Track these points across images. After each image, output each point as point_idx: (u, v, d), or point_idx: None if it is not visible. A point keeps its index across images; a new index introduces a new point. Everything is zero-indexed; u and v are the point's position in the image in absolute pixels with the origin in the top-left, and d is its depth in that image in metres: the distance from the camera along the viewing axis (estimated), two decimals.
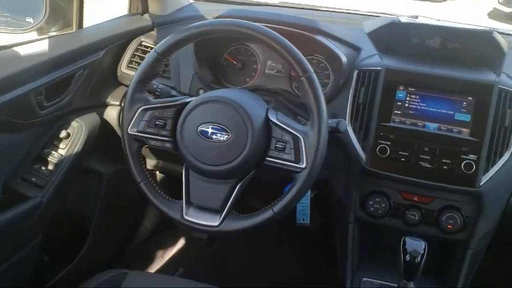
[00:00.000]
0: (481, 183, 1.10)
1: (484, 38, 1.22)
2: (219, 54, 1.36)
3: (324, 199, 1.32)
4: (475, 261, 1.22)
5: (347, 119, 1.18)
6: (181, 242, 1.93)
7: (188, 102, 1.01)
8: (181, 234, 1.95)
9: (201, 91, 1.31)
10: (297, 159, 0.96)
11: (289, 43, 0.96)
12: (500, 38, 1.19)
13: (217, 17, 1.23)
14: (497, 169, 1.10)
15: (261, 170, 1.00)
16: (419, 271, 1.03)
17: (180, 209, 1.01)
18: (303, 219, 1.31)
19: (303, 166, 0.95)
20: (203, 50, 1.30)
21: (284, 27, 1.20)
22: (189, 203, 1.02)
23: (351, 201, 1.23)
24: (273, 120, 0.99)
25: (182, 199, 1.02)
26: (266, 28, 0.97)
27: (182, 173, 1.03)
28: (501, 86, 1.10)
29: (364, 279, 1.25)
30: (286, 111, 1.19)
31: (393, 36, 1.28)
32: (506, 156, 1.10)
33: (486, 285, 1.40)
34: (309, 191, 1.29)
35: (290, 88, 1.31)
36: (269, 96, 1.26)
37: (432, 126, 1.13)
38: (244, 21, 0.98)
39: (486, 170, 1.10)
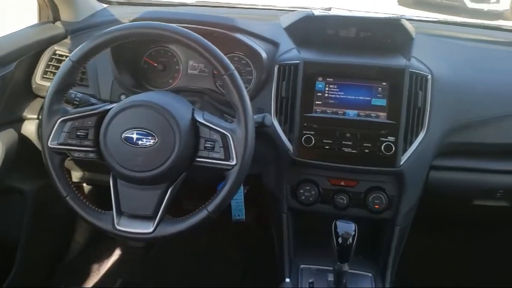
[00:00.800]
0: (401, 163, 1.16)
1: (393, 25, 1.29)
2: (139, 57, 1.34)
3: (257, 193, 1.34)
4: (402, 236, 1.29)
5: (272, 113, 1.21)
6: (117, 253, 1.88)
7: (110, 109, 0.99)
8: (116, 245, 1.90)
9: (122, 97, 1.28)
10: (227, 157, 0.97)
11: (208, 42, 0.96)
12: (407, 24, 1.27)
13: (133, 20, 1.21)
14: (414, 148, 1.17)
15: (192, 171, 1.00)
16: (352, 252, 1.07)
17: (111, 220, 0.99)
18: (239, 215, 1.33)
19: (234, 163, 0.96)
20: (121, 54, 1.27)
21: (202, 27, 1.20)
22: (120, 212, 1.00)
23: (282, 192, 1.26)
24: (200, 120, 0.99)
25: (112, 209, 0.99)
26: (183, 28, 0.97)
27: (110, 183, 1.00)
28: (411, 70, 1.18)
29: (301, 266, 1.29)
30: (212, 110, 1.20)
31: (309, 29, 1.32)
32: (421, 135, 1.18)
33: (414, 259, 1.50)
34: (242, 187, 1.31)
35: (214, 87, 1.32)
36: (194, 96, 1.26)
37: (351, 113, 1.19)
38: (161, 23, 0.98)
39: (405, 150, 1.17)
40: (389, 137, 1.16)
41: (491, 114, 1.24)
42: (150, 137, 0.94)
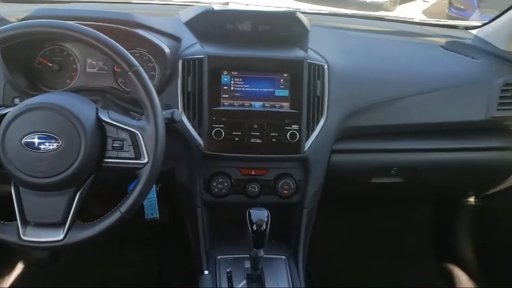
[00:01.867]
0: (306, 149, 1.23)
1: (289, 18, 1.35)
2: (32, 58, 1.26)
3: (169, 190, 1.34)
4: (310, 218, 1.37)
5: (180, 109, 1.21)
6: (19, 267, 1.76)
7: (5, 114, 0.92)
8: (17, 257, 1.77)
9: (17, 100, 1.19)
10: (138, 155, 0.95)
11: (109, 39, 0.94)
12: (302, 17, 1.34)
13: (23, 19, 1.13)
14: (316, 134, 1.24)
15: (101, 173, 0.97)
16: (266, 238, 1.12)
17: (16, 231, 0.93)
18: (152, 214, 1.31)
19: (145, 161, 0.95)
20: (13, 55, 1.19)
21: (100, 23, 1.16)
22: (25, 222, 0.94)
23: (196, 186, 1.27)
24: (105, 119, 0.96)
25: (16, 219, 0.93)
26: (83, 26, 0.94)
27: (11, 192, 0.94)
28: (309, 61, 1.24)
29: (218, 257, 1.31)
30: (117, 109, 1.17)
31: (209, 23, 1.33)
32: (322, 122, 1.25)
33: (323, 238, 1.59)
34: (154, 185, 1.30)
35: (116, 85, 1.28)
36: (96, 96, 1.22)
37: (257, 105, 1.23)
38: (56, 20, 0.93)
39: (308, 137, 1.24)
40: (293, 126, 1.22)
41: (382, 98, 1.35)
42: (53, 141, 0.90)
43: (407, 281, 1.85)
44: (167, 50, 1.23)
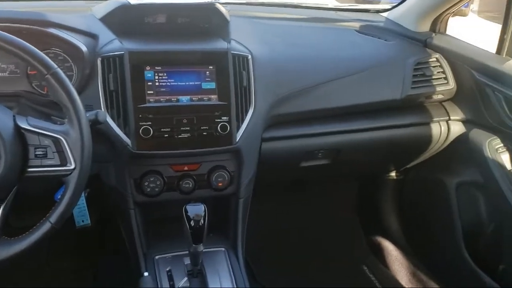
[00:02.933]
0: (237, 140, 1.24)
1: (208, 9, 1.34)
2: None
3: (99, 194, 1.29)
4: (246, 207, 1.38)
5: (103, 109, 1.16)
6: None
7: None
8: None
9: None
10: (64, 162, 0.91)
11: (22, 41, 0.88)
12: (221, 8, 1.33)
13: None
14: (246, 124, 1.25)
15: (24, 183, 0.91)
16: (205, 232, 1.12)
17: None
18: (83, 221, 1.26)
19: (72, 167, 0.91)
20: None
21: (7, 24, 1.08)
22: None
23: (126, 187, 1.23)
24: (25, 126, 0.90)
25: None
26: None
27: None
28: (233, 52, 1.24)
29: (156, 257, 1.29)
30: (35, 114, 1.10)
31: (127, 18, 1.29)
32: (250, 112, 1.26)
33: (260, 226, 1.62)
34: None
35: (31, 88, 1.20)
36: (9, 102, 1.13)
37: (184, 99, 1.21)
38: None
39: (238, 128, 1.24)
40: (223, 118, 1.22)
41: (305, 85, 1.39)
42: None
43: (341, 257, 1.94)
44: (84, 48, 1.17)
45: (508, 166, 1.40)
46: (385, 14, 1.80)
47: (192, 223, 1.10)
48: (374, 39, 1.63)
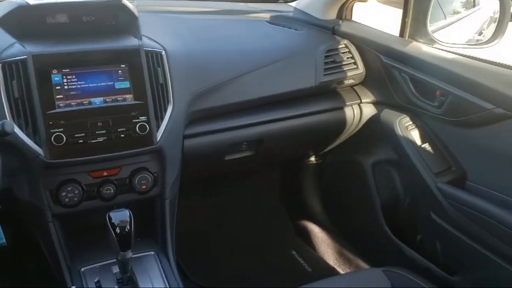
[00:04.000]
0: (158, 139, 1.20)
1: (114, 6, 1.27)
2: None
3: (13, 210, 1.19)
4: (173, 207, 1.35)
5: (8, 118, 1.06)
6: None
7: None
8: None
9: None
10: None
11: None
12: (128, 4, 1.27)
13: None
14: (166, 122, 1.21)
15: None
16: (132, 238, 1.07)
17: None
18: None
19: None
20: None
21: None
22: None
23: (42, 200, 1.15)
24: None
25: None
26: None
27: None
28: (146, 49, 1.20)
29: (82, 269, 1.22)
30: None
31: (26, 20, 1.19)
32: (169, 110, 1.22)
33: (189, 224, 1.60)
34: None
35: None
36: None
37: (97, 101, 1.15)
38: None
39: (158, 127, 1.20)
40: (140, 117, 1.17)
41: (221, 79, 1.38)
42: None
43: (269, 244, 1.97)
44: None
45: (418, 142, 1.50)
46: (293, 4, 1.84)
47: (117, 230, 1.05)
48: (285, 29, 1.66)
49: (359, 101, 1.62)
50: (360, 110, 1.63)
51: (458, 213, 1.36)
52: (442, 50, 1.47)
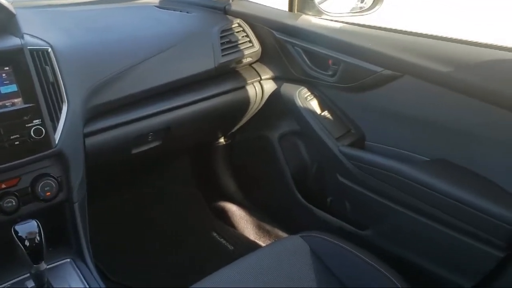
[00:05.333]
0: (57, 142, 1.13)
1: None
2: None
3: None
4: (83, 209, 1.29)
5: None
6: None
7: None
8: None
9: None
10: None
11: None
12: (4, 2, 1.17)
13: None
14: (62, 123, 1.14)
15: None
16: (44, 249, 1.02)
17: None
18: None
19: None
20: None
21: None
22: None
23: None
24: None
25: None
26: None
27: None
28: (30, 47, 1.11)
29: None
30: None
31: None
32: (65, 109, 1.15)
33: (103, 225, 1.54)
34: None
35: None
36: None
37: None
38: None
39: (55, 129, 1.13)
40: (34, 121, 1.09)
41: (116, 70, 1.32)
42: None
43: (190, 231, 1.97)
44: None
45: (318, 111, 1.57)
46: None
47: (26, 243, 0.99)
48: (176, 13, 1.63)
49: (259, 78, 1.66)
50: (261, 87, 1.67)
51: (361, 172, 1.46)
52: (330, 20, 1.55)
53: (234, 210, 2.04)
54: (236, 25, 1.62)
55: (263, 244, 1.88)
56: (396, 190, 1.37)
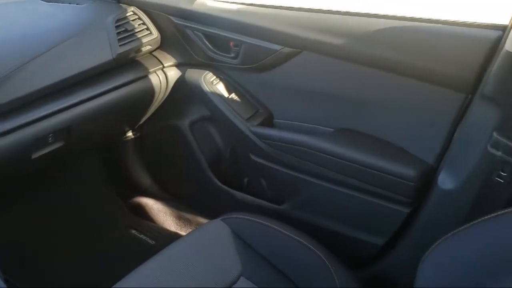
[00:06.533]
0: None
1: None
2: None
3: None
4: None
5: None
6: None
7: None
8: None
9: None
10: None
11: None
12: None
13: None
14: None
15: None
16: None
17: None
18: None
19: None
20: None
21: None
22: None
23: None
24: None
25: None
26: None
27: None
28: None
29: None
30: None
31: None
32: None
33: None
34: None
35: None
36: None
37: None
38: None
39: None
40: None
41: (4, 72, 1.23)
42: None
43: (108, 232, 1.90)
44: None
45: (226, 94, 1.57)
46: None
47: None
48: (64, 6, 1.54)
49: (162, 66, 1.62)
50: (165, 74, 1.63)
51: (272, 149, 1.49)
52: (227, 2, 1.54)
53: (152, 204, 1.99)
54: (131, 13, 1.56)
55: (184, 233, 1.86)
56: (307, 162, 1.42)
